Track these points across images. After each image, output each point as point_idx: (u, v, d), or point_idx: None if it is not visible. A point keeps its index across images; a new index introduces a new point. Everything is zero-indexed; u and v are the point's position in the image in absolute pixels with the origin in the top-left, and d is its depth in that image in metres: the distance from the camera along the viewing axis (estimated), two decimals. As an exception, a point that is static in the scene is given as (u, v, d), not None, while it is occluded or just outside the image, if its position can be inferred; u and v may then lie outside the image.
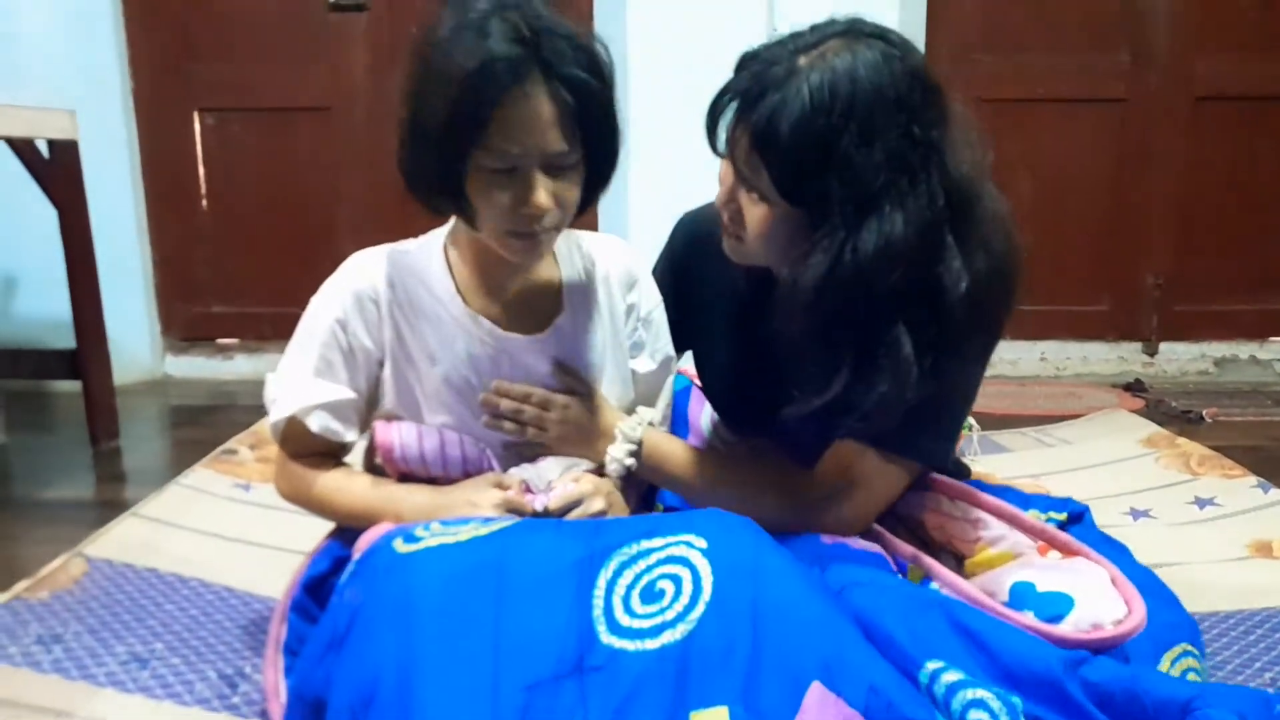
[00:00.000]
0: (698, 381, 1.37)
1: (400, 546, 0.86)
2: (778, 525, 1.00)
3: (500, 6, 0.93)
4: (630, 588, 0.83)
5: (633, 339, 1.17)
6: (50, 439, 2.34)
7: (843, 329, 0.95)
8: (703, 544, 0.85)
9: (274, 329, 2.93)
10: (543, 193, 0.94)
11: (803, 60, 0.93)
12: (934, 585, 1.01)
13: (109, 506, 1.82)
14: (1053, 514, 1.09)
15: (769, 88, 0.93)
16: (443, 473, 1.06)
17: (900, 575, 1.03)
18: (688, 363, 1.36)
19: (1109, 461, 2.00)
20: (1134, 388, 2.74)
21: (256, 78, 2.84)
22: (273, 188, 2.91)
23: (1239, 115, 2.82)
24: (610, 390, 1.14)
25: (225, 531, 1.60)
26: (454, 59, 0.90)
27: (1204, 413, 2.43)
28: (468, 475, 1.07)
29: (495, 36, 0.90)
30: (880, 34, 0.95)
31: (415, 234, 1.13)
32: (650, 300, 1.18)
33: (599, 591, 0.82)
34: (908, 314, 0.94)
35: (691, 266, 1.24)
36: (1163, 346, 2.95)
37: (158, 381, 2.93)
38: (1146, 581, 1.00)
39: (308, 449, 1.10)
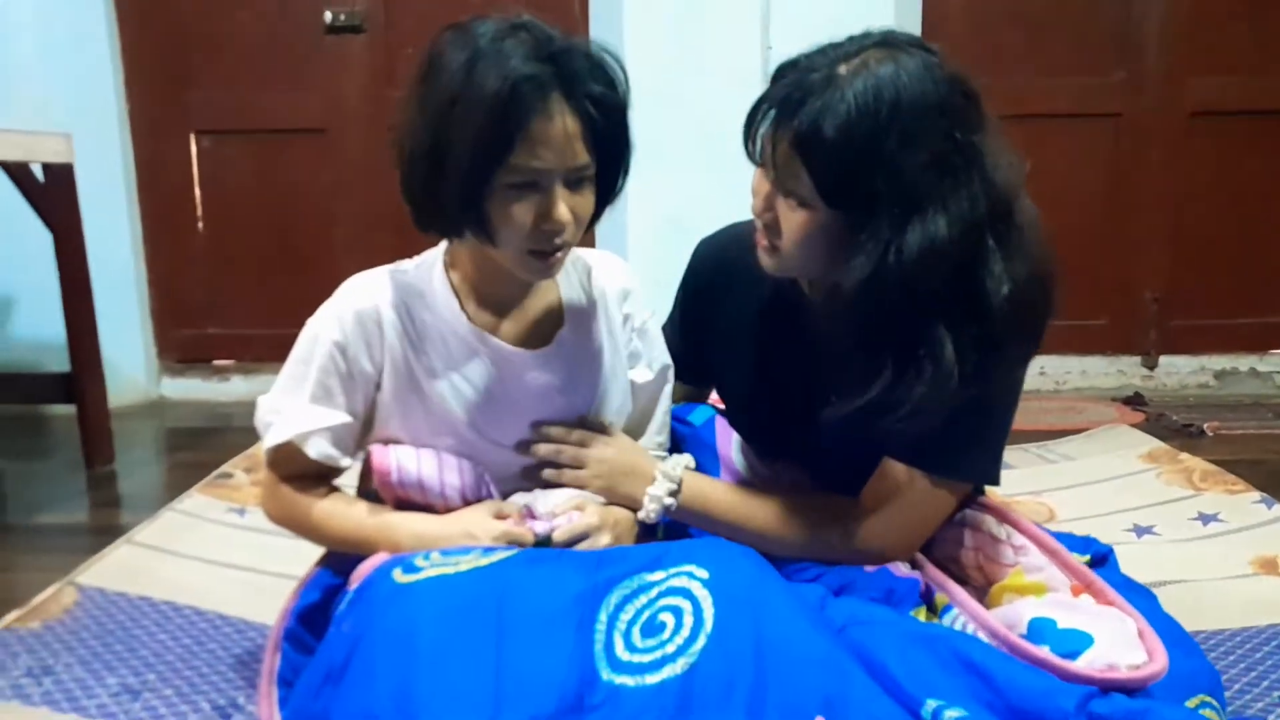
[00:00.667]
0: (721, 407, 1.36)
1: (400, 576, 0.85)
2: (825, 559, 1.01)
3: (510, 29, 0.94)
4: (631, 623, 0.82)
5: (629, 349, 1.17)
6: (44, 463, 2.33)
7: (885, 331, 0.96)
8: (704, 574, 0.84)
9: (269, 350, 2.91)
10: (563, 207, 0.95)
11: (843, 68, 0.94)
12: (954, 612, 1.00)
13: (103, 532, 1.80)
14: (1076, 555, 1.08)
15: (810, 94, 0.94)
16: (441, 500, 1.04)
17: (923, 602, 1.02)
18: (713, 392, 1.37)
19: (1111, 477, 1.99)
20: (1134, 401, 2.74)
21: (253, 100, 2.84)
22: (269, 209, 2.90)
23: (1232, 130, 2.83)
24: (613, 402, 1.14)
25: (219, 557, 1.58)
26: (477, 83, 0.91)
27: (1205, 426, 2.43)
28: (466, 503, 1.05)
29: (516, 57, 0.91)
30: (918, 43, 0.97)
31: (412, 254, 1.13)
32: (644, 311, 1.18)
33: (600, 626, 0.81)
34: (950, 316, 0.95)
35: (714, 293, 1.24)
36: (1162, 360, 2.94)
37: (153, 403, 2.92)
38: (1170, 631, 0.98)
39: (300, 471, 1.09)
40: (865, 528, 1.07)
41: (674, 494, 1.09)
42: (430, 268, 1.08)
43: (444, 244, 1.10)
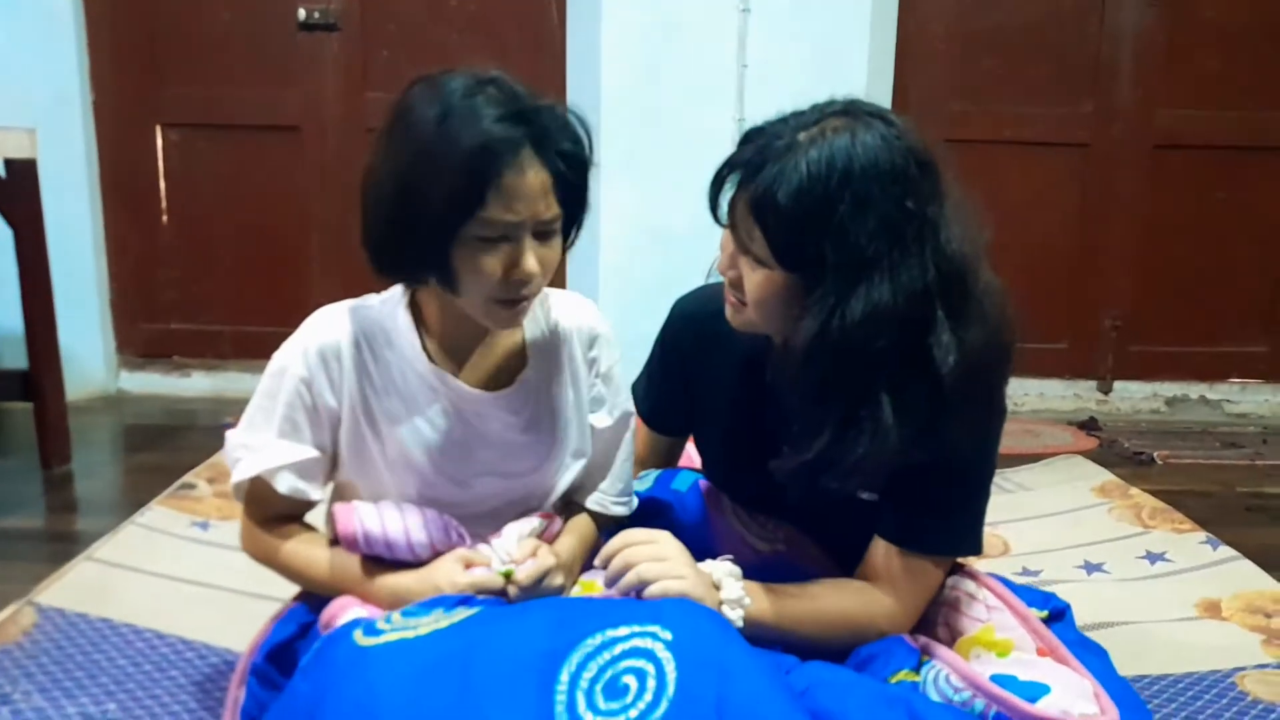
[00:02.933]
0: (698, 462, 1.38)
1: (361, 639, 0.85)
2: (851, 643, 1.07)
3: (477, 84, 0.96)
4: (594, 681, 0.83)
5: (592, 393, 1.18)
6: (0, 462, 2.29)
7: (829, 389, 0.99)
8: (667, 636, 0.85)
9: (235, 348, 2.88)
10: (532, 258, 0.97)
11: (803, 135, 0.98)
12: (930, 660, 1.04)
13: (60, 539, 1.79)
14: (1035, 611, 1.12)
15: (769, 160, 0.98)
16: (410, 556, 1.05)
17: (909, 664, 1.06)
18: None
19: (1064, 510, 2.03)
20: (1088, 425, 2.80)
21: (223, 95, 2.80)
22: (237, 205, 2.86)
23: (1196, 163, 2.89)
24: (570, 444, 1.15)
25: (183, 574, 1.57)
26: (450, 139, 0.93)
27: (1155, 454, 2.49)
28: (437, 553, 1.06)
29: (488, 117, 0.93)
30: (879, 114, 1.00)
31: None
32: (610, 356, 1.19)
33: (562, 688, 0.82)
34: (895, 381, 0.98)
35: (689, 349, 1.26)
36: (1117, 385, 3.01)
37: (112, 398, 2.88)
38: (1121, 691, 1.02)
39: (273, 509, 1.09)
40: (874, 606, 1.11)
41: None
42: (395, 304, 1.09)
43: None
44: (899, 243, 0.95)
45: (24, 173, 2.09)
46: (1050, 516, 2.01)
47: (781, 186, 0.95)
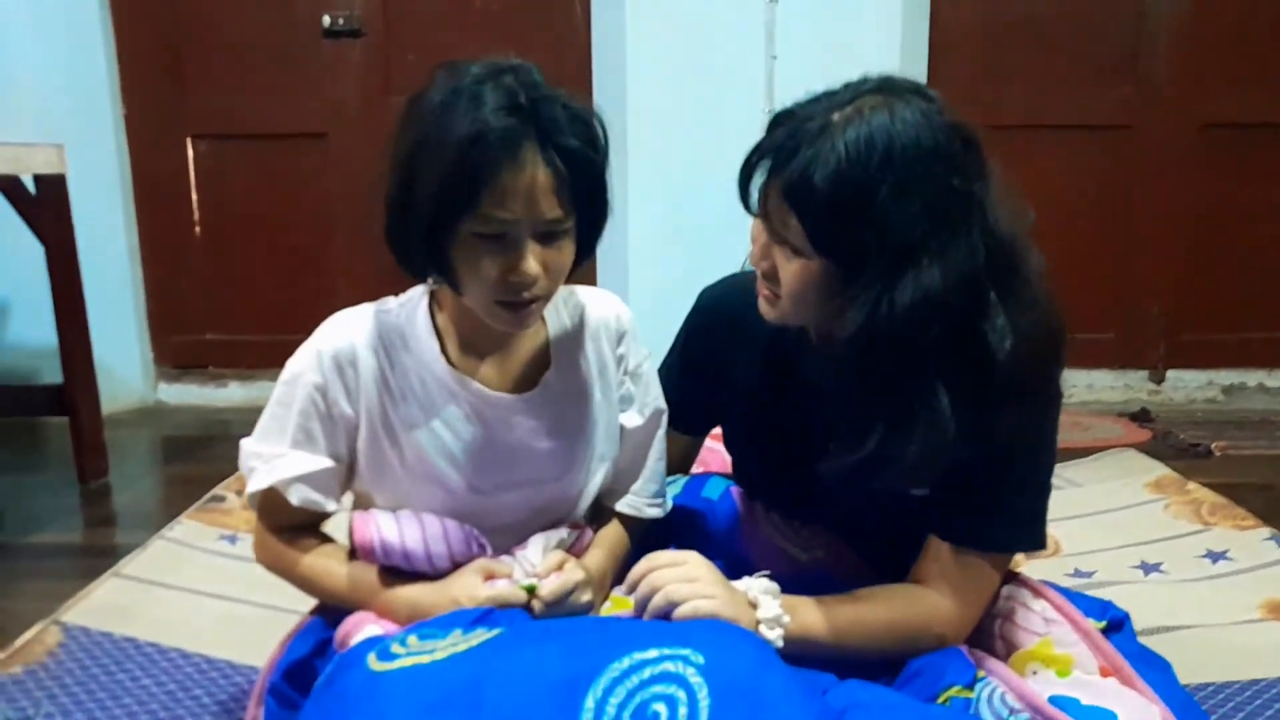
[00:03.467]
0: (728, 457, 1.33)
1: (374, 664, 0.82)
2: (907, 654, 1.00)
3: (495, 72, 0.92)
4: (622, 707, 0.78)
5: (620, 392, 1.13)
6: (37, 477, 2.31)
7: (879, 384, 0.94)
8: (699, 659, 0.80)
9: (267, 357, 2.88)
10: (532, 261, 0.93)
11: (837, 116, 0.92)
12: (985, 677, 0.98)
13: (97, 554, 1.78)
14: (1092, 620, 1.06)
15: (802, 143, 0.92)
16: (429, 567, 1.02)
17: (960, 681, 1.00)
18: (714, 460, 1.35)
19: (1118, 508, 1.95)
20: (1140, 417, 2.71)
21: (250, 104, 2.81)
22: (267, 214, 2.87)
23: (1244, 143, 2.78)
24: (597, 447, 1.11)
25: (210, 589, 1.56)
26: (447, 127, 0.89)
27: (1212, 446, 2.39)
28: (456, 565, 1.02)
29: (490, 105, 0.89)
30: (916, 89, 0.95)
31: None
32: (639, 353, 1.15)
33: (588, 716, 0.78)
34: (948, 370, 0.93)
35: (717, 342, 1.21)
36: (1170, 374, 2.91)
37: (149, 409, 2.90)
38: (1187, 709, 0.96)
39: (288, 520, 1.06)
40: (930, 614, 1.04)
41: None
42: (415, 305, 1.06)
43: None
44: (946, 224, 0.90)
45: (54, 188, 2.10)
46: (1103, 514, 1.93)
47: (818, 170, 0.90)
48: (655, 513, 1.17)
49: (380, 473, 1.04)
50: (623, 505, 1.15)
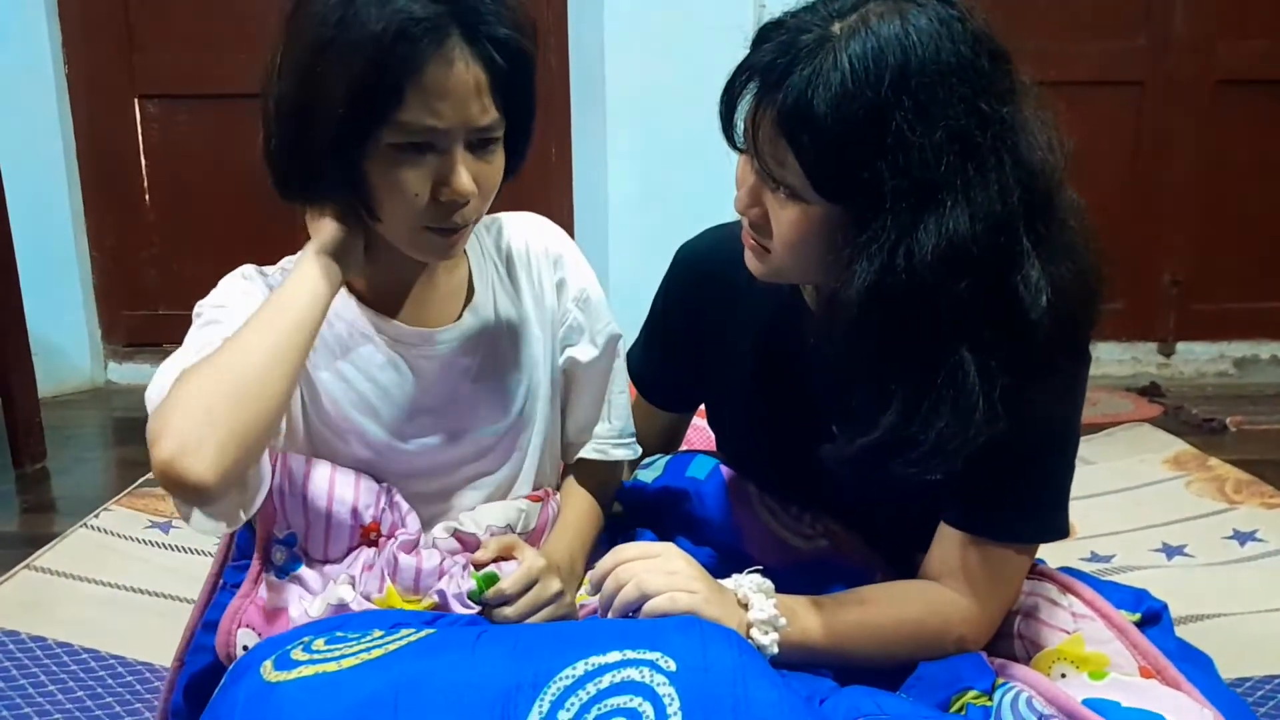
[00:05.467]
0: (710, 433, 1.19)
1: (269, 673, 0.67)
2: (923, 658, 0.87)
3: None
4: (574, 721, 0.64)
5: (567, 323, 1.01)
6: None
7: (895, 352, 0.80)
8: (670, 665, 0.67)
9: (225, 333, 2.74)
10: (465, 174, 0.81)
11: (838, 26, 0.77)
12: (1006, 683, 0.85)
13: (29, 543, 1.61)
14: (1126, 613, 0.93)
15: (797, 61, 0.77)
16: (324, 537, 0.89)
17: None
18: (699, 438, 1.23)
19: (1134, 486, 1.83)
20: (1150, 391, 2.59)
21: (204, 62, 2.63)
22: (223, 180, 2.69)
23: (1263, 100, 2.65)
24: (542, 387, 0.99)
25: (132, 582, 1.42)
26: (356, 24, 0.76)
27: (1227, 421, 2.28)
28: (363, 527, 0.90)
29: None
30: None
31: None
32: (581, 276, 1.02)
33: (530, 730, 0.63)
34: (975, 334, 0.79)
35: (699, 308, 1.06)
36: (1179, 346, 2.79)
37: (98, 390, 2.75)
38: (1234, 713, 0.83)
39: None
40: (947, 612, 0.90)
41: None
42: None
43: None
44: (974, 155, 0.76)
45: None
46: (1118, 493, 1.80)
47: (817, 93, 0.75)
48: (624, 454, 1.05)
49: (292, 422, 0.92)
50: (588, 451, 1.04)
